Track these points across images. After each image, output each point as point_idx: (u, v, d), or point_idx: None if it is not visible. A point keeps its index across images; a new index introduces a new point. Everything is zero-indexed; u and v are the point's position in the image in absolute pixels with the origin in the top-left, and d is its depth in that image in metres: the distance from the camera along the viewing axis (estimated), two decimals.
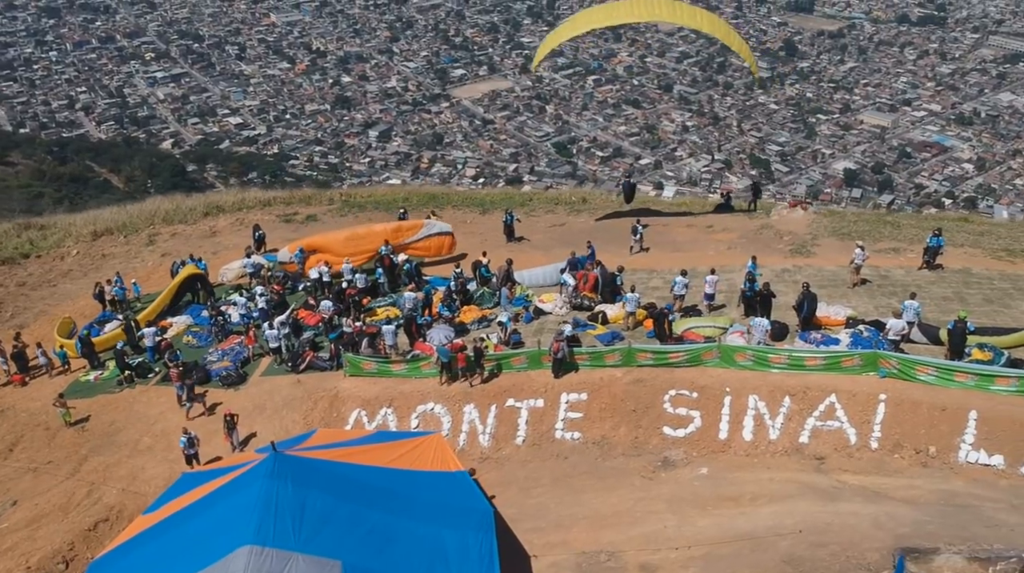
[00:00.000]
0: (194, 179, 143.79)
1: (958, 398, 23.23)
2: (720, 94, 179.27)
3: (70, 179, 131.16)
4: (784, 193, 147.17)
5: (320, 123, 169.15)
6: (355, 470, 20.20)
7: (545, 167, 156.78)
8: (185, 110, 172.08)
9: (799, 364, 25.00)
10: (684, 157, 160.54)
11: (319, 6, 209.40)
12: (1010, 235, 33.84)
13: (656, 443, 24.96)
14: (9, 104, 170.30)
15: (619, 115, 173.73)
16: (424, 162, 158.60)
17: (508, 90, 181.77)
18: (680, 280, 29.15)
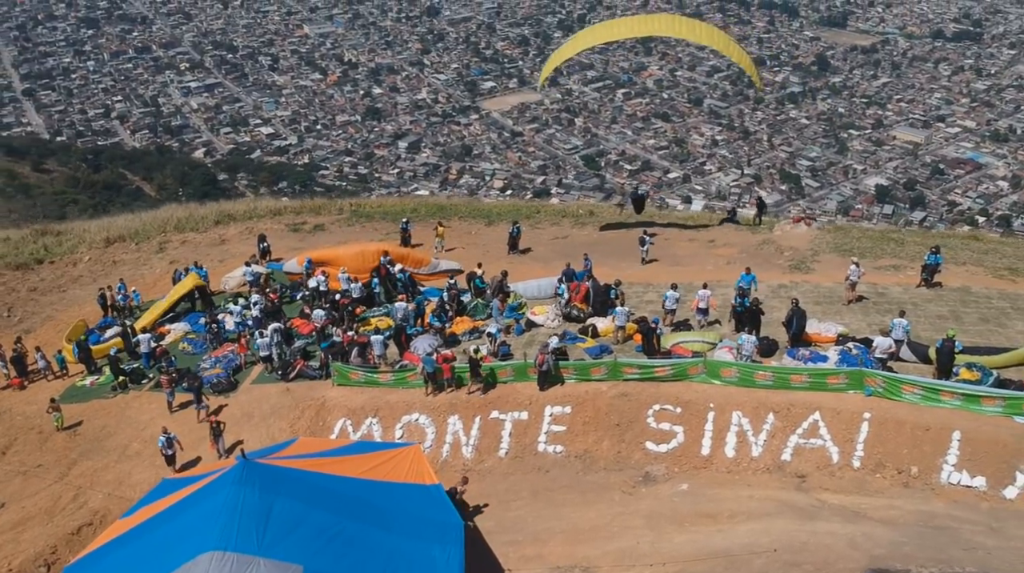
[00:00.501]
0: (225, 188, 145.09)
1: (943, 418, 22.85)
2: (751, 108, 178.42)
3: (103, 187, 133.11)
4: (814, 208, 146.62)
5: (350, 134, 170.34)
6: (325, 479, 20.23)
7: (573, 180, 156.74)
8: (218, 120, 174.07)
9: (784, 381, 24.73)
10: (713, 171, 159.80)
11: (352, 18, 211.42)
12: (1016, 254, 33.29)
13: (638, 458, 24.78)
14: (47, 113, 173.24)
15: (648, 128, 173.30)
16: (452, 173, 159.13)
17: (537, 103, 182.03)
18: (671, 294, 28.99)
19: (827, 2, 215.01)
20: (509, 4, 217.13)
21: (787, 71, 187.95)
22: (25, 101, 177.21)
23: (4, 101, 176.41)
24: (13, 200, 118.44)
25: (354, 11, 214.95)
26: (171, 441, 25.93)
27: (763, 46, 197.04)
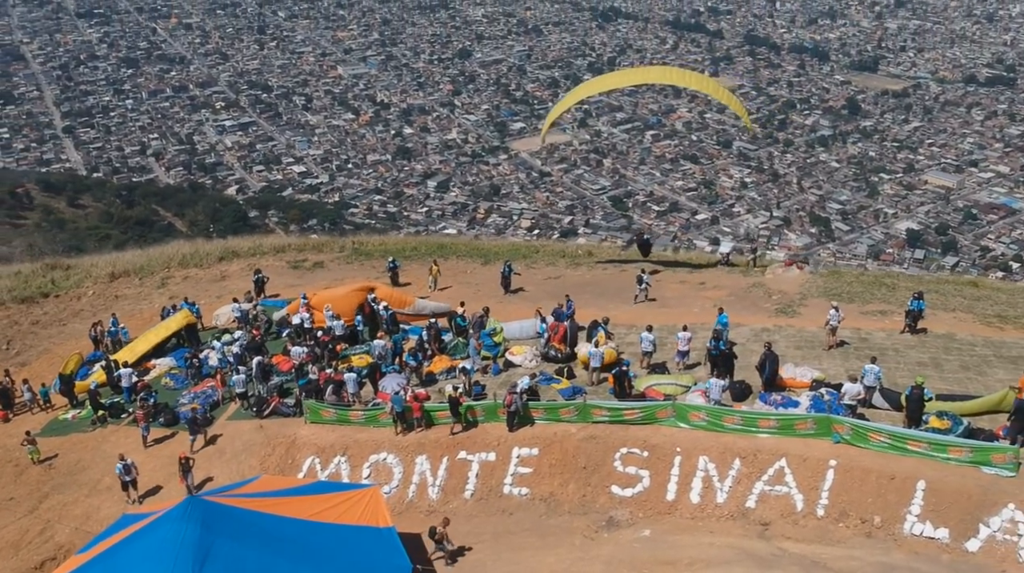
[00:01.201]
0: (255, 224, 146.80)
1: (908, 467, 22.36)
2: (780, 151, 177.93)
3: (136, 222, 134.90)
4: (844, 252, 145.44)
5: (380, 173, 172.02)
6: (271, 520, 20.24)
7: (600, 220, 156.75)
8: (251, 158, 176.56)
9: (752, 426, 24.36)
10: (742, 213, 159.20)
11: (385, 60, 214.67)
12: (1009, 301, 32.68)
13: (603, 502, 24.48)
14: (85, 149, 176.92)
15: (677, 170, 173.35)
16: (480, 213, 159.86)
17: (566, 143, 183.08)
18: (646, 336, 28.75)
19: (858, 47, 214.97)
20: (539, 47, 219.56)
21: (817, 114, 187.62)
22: (65, 138, 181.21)
23: (45, 138, 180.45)
24: (48, 234, 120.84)
25: (387, 53, 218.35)
26: (128, 468, 26.07)
27: (793, 89, 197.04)
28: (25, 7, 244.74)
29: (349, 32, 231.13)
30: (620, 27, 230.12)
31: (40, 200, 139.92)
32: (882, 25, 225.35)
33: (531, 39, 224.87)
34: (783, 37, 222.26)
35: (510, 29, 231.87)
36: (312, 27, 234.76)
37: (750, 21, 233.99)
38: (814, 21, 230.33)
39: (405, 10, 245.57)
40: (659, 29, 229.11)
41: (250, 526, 19.65)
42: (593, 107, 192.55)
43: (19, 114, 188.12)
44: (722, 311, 29.10)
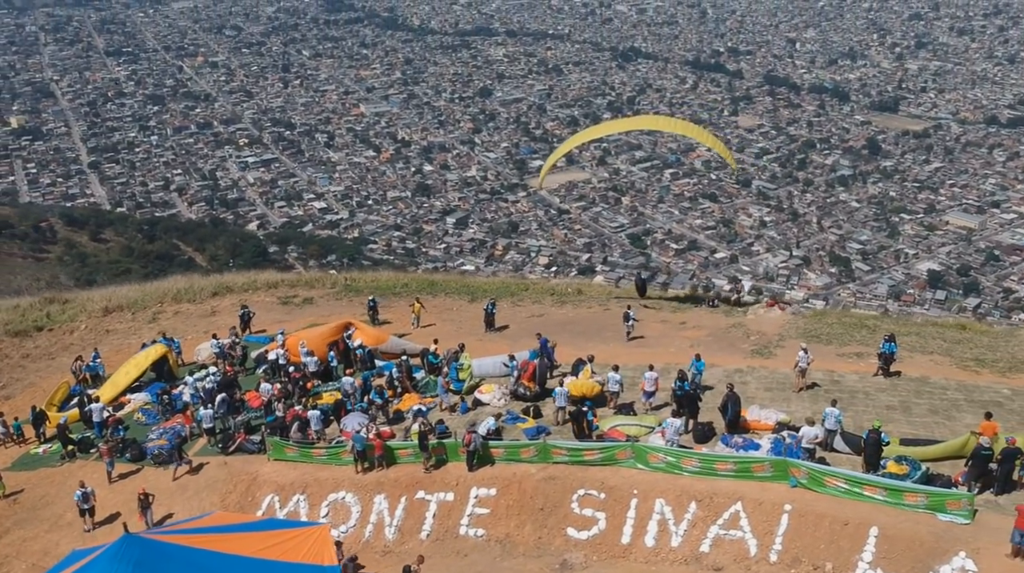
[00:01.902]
0: (275, 259, 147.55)
1: (863, 513, 21.97)
2: (800, 190, 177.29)
3: (156, 256, 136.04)
4: (864, 292, 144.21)
5: (400, 209, 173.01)
6: (210, 557, 20.12)
7: (618, 258, 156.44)
8: (273, 193, 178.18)
9: (710, 468, 24.08)
10: (761, 252, 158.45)
11: (407, 98, 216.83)
12: (990, 344, 32.14)
13: (559, 544, 24.21)
14: (110, 184, 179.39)
15: (695, 208, 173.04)
16: (498, 249, 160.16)
17: (585, 181, 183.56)
18: (613, 376, 28.56)
19: (878, 87, 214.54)
20: (559, 86, 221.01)
21: (837, 154, 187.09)
22: (90, 173, 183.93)
23: (71, 173, 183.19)
24: (69, 268, 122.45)
25: (409, 91, 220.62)
26: (87, 496, 26.28)
27: (813, 129, 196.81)
28: (56, 46, 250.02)
29: (372, 71, 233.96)
30: (640, 67, 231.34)
31: (63, 234, 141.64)
32: (902, 66, 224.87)
33: (551, 78, 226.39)
34: (803, 77, 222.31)
35: (531, 68, 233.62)
36: (336, 66, 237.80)
37: (770, 61, 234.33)
38: (834, 62, 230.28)
39: (427, 49, 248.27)
40: (679, 69, 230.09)
41: (186, 564, 19.55)
42: (612, 145, 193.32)
43: (47, 150, 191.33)
44: (699, 358, 28.81)
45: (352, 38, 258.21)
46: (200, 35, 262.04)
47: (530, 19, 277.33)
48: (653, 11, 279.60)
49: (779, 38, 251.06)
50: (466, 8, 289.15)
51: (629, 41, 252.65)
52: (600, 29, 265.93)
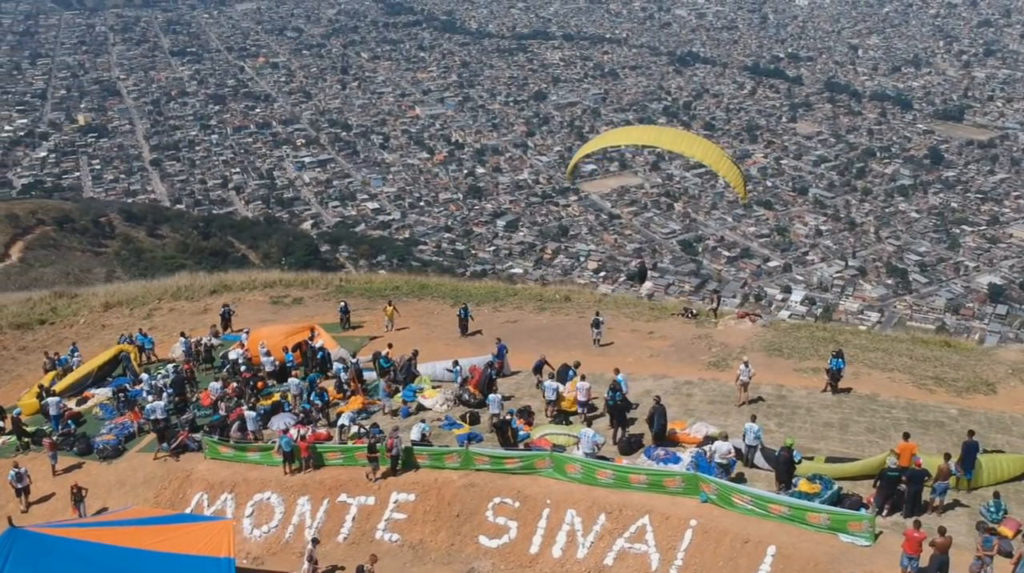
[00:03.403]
0: (326, 259, 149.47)
1: (765, 531, 21.40)
2: (858, 199, 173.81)
3: (210, 253, 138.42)
4: (922, 305, 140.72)
5: (451, 211, 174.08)
6: (98, 550, 20.53)
7: (668, 264, 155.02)
8: (327, 193, 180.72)
9: (624, 480, 23.73)
10: (816, 261, 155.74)
11: (462, 101, 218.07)
12: (960, 363, 30.84)
13: (470, 552, 24.05)
14: (171, 181, 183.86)
15: (749, 215, 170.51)
16: (548, 253, 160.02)
17: (637, 186, 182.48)
18: (550, 385, 28.30)
19: (943, 95, 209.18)
20: (615, 90, 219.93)
21: (898, 163, 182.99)
22: (152, 170, 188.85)
23: (133, 170, 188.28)
24: (126, 263, 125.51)
25: (465, 94, 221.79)
26: (21, 476, 27.06)
27: (873, 137, 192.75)
28: (124, 45, 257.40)
29: (429, 73, 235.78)
30: (697, 72, 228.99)
31: (121, 229, 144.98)
32: (969, 74, 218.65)
33: (607, 82, 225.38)
34: (865, 84, 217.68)
35: (586, 72, 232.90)
36: (393, 68, 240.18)
37: (831, 68, 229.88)
38: (897, 69, 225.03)
39: (484, 53, 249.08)
40: (737, 74, 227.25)
41: (68, 556, 19.97)
42: (666, 151, 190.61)
43: (111, 147, 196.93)
44: (618, 372, 28.33)
45: (410, 41, 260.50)
46: (262, 36, 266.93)
47: (587, 23, 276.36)
48: (712, 16, 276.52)
49: (841, 44, 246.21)
50: (524, 12, 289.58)
51: (687, 46, 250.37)
52: (658, 33, 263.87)
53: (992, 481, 22.64)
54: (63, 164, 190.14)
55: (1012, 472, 22.97)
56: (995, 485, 22.58)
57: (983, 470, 22.58)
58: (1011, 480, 22.91)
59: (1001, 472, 22.83)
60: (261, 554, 25.55)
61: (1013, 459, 23.29)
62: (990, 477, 22.65)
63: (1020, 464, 23.18)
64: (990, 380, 29.22)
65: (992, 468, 22.75)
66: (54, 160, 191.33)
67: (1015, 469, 23.04)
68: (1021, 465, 23.17)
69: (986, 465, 22.69)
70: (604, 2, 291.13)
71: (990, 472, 22.68)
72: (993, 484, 22.61)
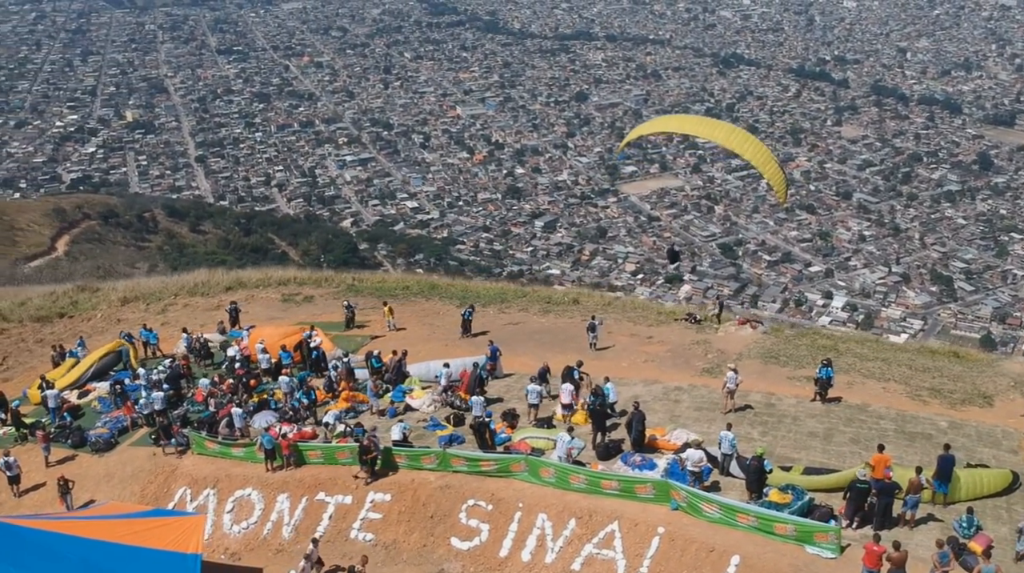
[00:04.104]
0: (364, 257, 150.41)
1: (731, 541, 21.03)
2: (903, 205, 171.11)
3: (251, 249, 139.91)
4: (967, 313, 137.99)
5: (490, 211, 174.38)
6: (66, 542, 20.85)
7: (708, 267, 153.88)
8: (368, 192, 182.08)
9: (596, 486, 23.50)
10: (858, 267, 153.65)
11: (503, 101, 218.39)
12: (961, 374, 29.96)
13: (442, 553, 23.98)
14: (215, 178, 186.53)
15: (791, 220, 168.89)
16: (585, 254, 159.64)
17: (678, 188, 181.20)
18: (532, 388, 28.10)
19: (994, 100, 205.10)
20: (657, 91, 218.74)
21: (945, 169, 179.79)
22: (197, 167, 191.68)
23: (179, 166, 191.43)
24: (168, 258, 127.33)
25: (506, 95, 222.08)
26: (11, 465, 27.51)
27: (920, 142, 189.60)
28: (172, 43, 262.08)
29: (470, 73, 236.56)
30: (741, 73, 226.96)
31: (164, 224, 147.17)
32: (1022, 78, 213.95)
33: (649, 83, 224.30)
34: (913, 88, 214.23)
35: (629, 74, 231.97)
36: (435, 68, 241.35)
37: (878, 71, 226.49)
38: (947, 72, 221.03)
39: (526, 53, 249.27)
40: (782, 76, 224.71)
41: (36, 547, 20.30)
42: (708, 152, 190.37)
43: (158, 143, 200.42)
44: (607, 380, 28.05)
45: (453, 41, 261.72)
46: (307, 36, 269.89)
47: (631, 23, 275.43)
48: (758, 17, 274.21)
49: (889, 47, 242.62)
50: (567, 12, 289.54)
51: (732, 47, 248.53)
52: (702, 35, 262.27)
53: (971, 496, 22.05)
54: (111, 159, 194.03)
55: (992, 487, 22.36)
56: (974, 500, 22.03)
57: (961, 485, 22.01)
58: (991, 496, 22.32)
59: (981, 487, 22.23)
60: (239, 550, 25.71)
61: (994, 474, 22.67)
62: (969, 492, 22.06)
63: (1001, 480, 22.55)
64: (988, 392, 28.49)
65: (971, 483, 22.15)
66: (102, 155, 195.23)
67: (996, 484, 22.43)
68: (1002, 481, 22.54)
69: (965, 479, 22.11)
70: (648, 3, 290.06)
71: (969, 487, 22.09)
72: (972, 499, 22.03)
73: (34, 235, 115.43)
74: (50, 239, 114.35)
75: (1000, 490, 22.46)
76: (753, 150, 32.72)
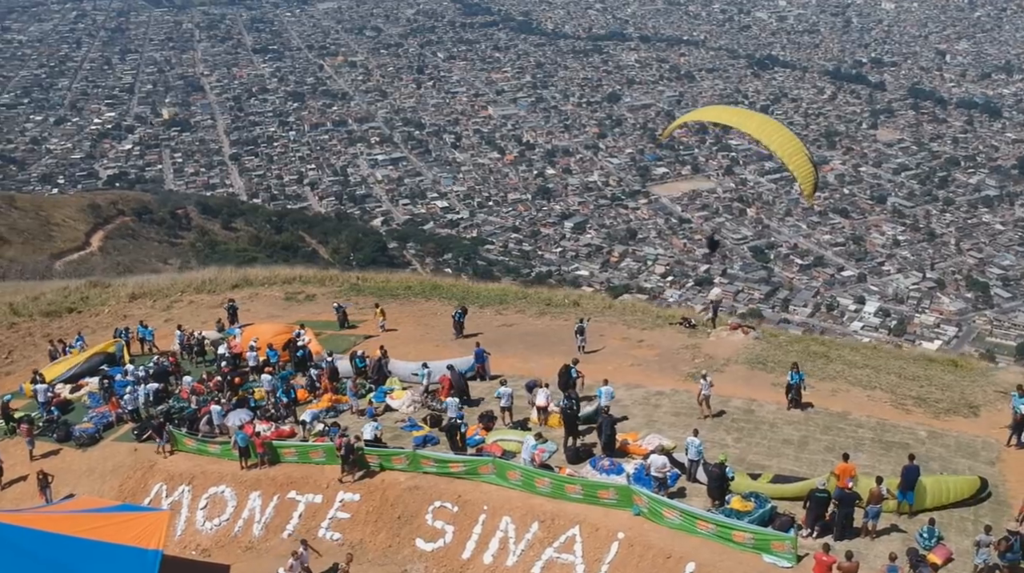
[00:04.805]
0: (393, 256, 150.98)
1: (688, 547, 20.81)
2: (939, 209, 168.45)
3: (282, 247, 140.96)
4: (1003, 320, 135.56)
5: (519, 211, 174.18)
6: (27, 535, 21.10)
7: (738, 270, 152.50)
8: (398, 191, 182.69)
9: (560, 490, 23.39)
10: (892, 272, 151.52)
11: (535, 102, 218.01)
12: (952, 383, 29.17)
13: (407, 554, 23.97)
14: (248, 176, 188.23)
15: (824, 223, 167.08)
16: (614, 256, 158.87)
17: (710, 190, 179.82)
18: (504, 390, 27.95)
19: None
20: (691, 92, 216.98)
21: (983, 173, 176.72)
22: (231, 165, 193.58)
23: (213, 164, 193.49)
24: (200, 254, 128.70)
25: (538, 95, 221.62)
26: None
27: (958, 146, 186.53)
28: (209, 42, 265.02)
29: (503, 74, 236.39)
30: (776, 75, 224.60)
31: (197, 221, 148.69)
32: None
33: (683, 84, 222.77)
34: (951, 91, 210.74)
35: (662, 75, 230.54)
36: (468, 68, 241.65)
37: (916, 73, 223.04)
38: (987, 75, 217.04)
39: (559, 53, 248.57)
40: (817, 79, 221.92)
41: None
42: (741, 155, 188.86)
43: (193, 141, 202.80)
44: (606, 382, 27.86)
45: (486, 41, 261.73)
46: (342, 35, 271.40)
47: (665, 24, 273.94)
48: (794, 19, 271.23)
49: (928, 49, 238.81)
50: (601, 13, 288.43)
51: (767, 49, 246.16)
52: (737, 36, 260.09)
53: (937, 504, 21.65)
54: (147, 156, 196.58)
55: (960, 494, 21.93)
56: (942, 508, 21.61)
57: (927, 493, 21.58)
58: (959, 503, 21.88)
59: (948, 494, 21.82)
60: (210, 546, 25.92)
61: (961, 481, 22.22)
62: (935, 499, 21.64)
63: (968, 486, 22.08)
64: (976, 402, 27.87)
65: (937, 490, 21.72)
66: (138, 153, 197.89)
67: (963, 491, 21.97)
68: (969, 487, 22.07)
69: (931, 488, 21.67)
70: (683, 4, 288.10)
71: (935, 494, 21.66)
72: (939, 507, 21.63)
73: (69, 230, 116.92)
74: (85, 235, 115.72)
75: (968, 497, 22.02)
76: (782, 141, 32.00)
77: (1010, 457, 24.16)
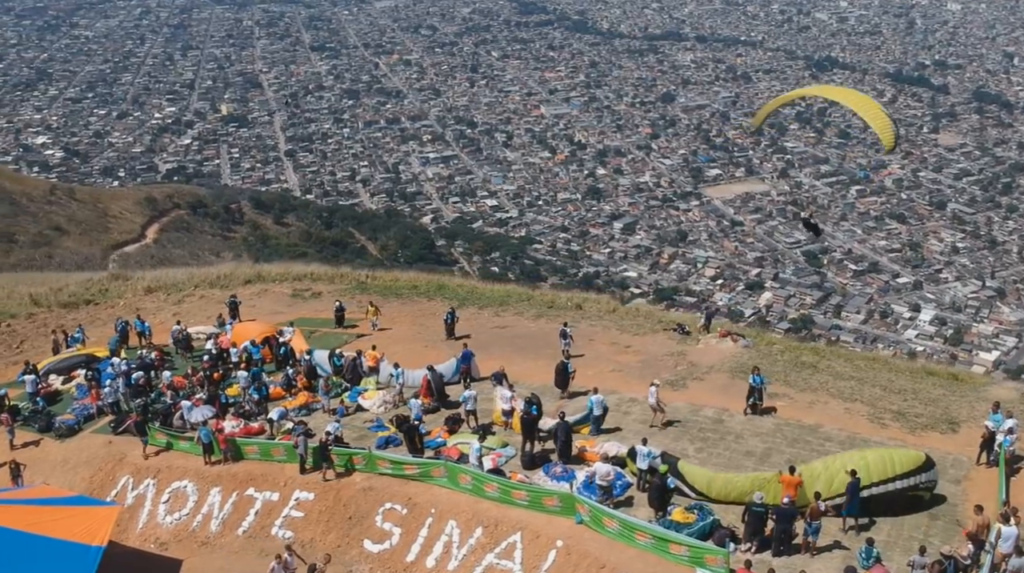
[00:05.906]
0: (440, 254, 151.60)
1: (624, 558, 20.43)
2: (1001, 217, 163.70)
3: (332, 243, 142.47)
4: None
5: (569, 211, 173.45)
6: None
7: (790, 275, 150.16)
8: (448, 189, 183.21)
9: (507, 496, 23.10)
10: (950, 280, 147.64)
11: (588, 101, 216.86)
12: (938, 398, 28.14)
13: (354, 555, 23.86)
14: (302, 172, 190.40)
15: (880, 229, 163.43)
16: (664, 258, 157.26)
17: (763, 193, 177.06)
18: (468, 394, 27.69)
19: None
20: (747, 94, 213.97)
21: None
22: (286, 160, 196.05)
23: (269, 159, 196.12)
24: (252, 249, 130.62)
25: (591, 95, 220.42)
26: None
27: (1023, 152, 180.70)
28: (268, 40, 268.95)
29: (556, 73, 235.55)
30: (835, 77, 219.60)
31: (250, 216, 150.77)
32: None
33: (739, 85, 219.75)
34: (1018, 95, 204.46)
35: (718, 75, 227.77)
36: (522, 67, 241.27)
37: (981, 76, 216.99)
38: None
39: (614, 53, 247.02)
40: (877, 81, 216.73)
41: None
42: (796, 158, 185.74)
43: (250, 136, 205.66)
44: (596, 391, 27.48)
45: (540, 40, 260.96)
46: (398, 33, 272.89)
47: (722, 24, 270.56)
48: (855, 20, 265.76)
49: (995, 52, 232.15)
50: (657, 12, 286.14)
51: (826, 50, 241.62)
52: (795, 37, 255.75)
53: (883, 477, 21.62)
54: (205, 151, 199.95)
55: (904, 467, 21.84)
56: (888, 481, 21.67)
57: (871, 467, 21.70)
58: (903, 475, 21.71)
59: (892, 467, 21.78)
60: (168, 540, 26.06)
61: (904, 455, 22.32)
62: (881, 473, 21.67)
63: (912, 460, 22.03)
64: (958, 418, 26.90)
65: (881, 465, 21.77)
66: (197, 147, 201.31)
67: (906, 464, 21.89)
68: (913, 461, 22.00)
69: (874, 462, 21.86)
70: (741, 4, 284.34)
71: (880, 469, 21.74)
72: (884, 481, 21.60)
73: (126, 222, 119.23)
74: (140, 227, 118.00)
75: (911, 470, 21.76)
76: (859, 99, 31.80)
77: (978, 476, 23.26)
